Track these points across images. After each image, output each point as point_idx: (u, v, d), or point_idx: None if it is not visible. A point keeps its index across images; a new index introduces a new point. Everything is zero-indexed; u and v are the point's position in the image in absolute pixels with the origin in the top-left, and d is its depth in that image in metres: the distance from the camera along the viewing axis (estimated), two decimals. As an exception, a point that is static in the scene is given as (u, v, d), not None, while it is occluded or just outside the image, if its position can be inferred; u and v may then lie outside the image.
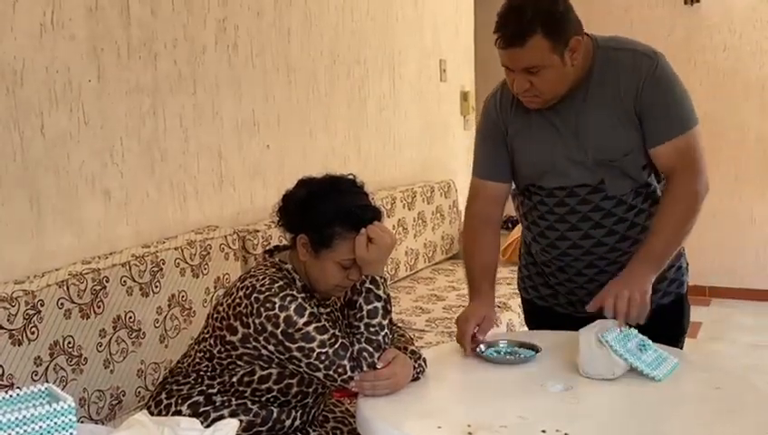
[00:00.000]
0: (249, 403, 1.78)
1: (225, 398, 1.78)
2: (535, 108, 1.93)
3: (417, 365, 1.76)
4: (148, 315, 2.30)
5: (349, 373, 1.67)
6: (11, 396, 1.45)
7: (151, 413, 1.73)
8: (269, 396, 1.79)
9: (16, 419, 1.33)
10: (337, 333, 1.71)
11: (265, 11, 3.05)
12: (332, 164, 3.53)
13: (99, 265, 2.20)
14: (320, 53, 3.41)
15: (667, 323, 2.01)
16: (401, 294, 3.58)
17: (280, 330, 1.67)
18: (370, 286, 1.74)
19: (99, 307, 2.14)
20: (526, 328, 3.29)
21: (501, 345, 1.92)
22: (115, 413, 2.19)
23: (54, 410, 1.37)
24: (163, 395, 1.83)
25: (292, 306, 1.68)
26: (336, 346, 1.68)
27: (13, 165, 2.10)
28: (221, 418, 1.74)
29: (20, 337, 1.92)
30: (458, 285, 3.73)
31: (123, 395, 2.21)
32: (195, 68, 2.70)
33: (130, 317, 2.24)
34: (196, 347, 1.85)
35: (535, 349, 1.87)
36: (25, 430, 1.33)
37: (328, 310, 1.87)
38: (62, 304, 2.04)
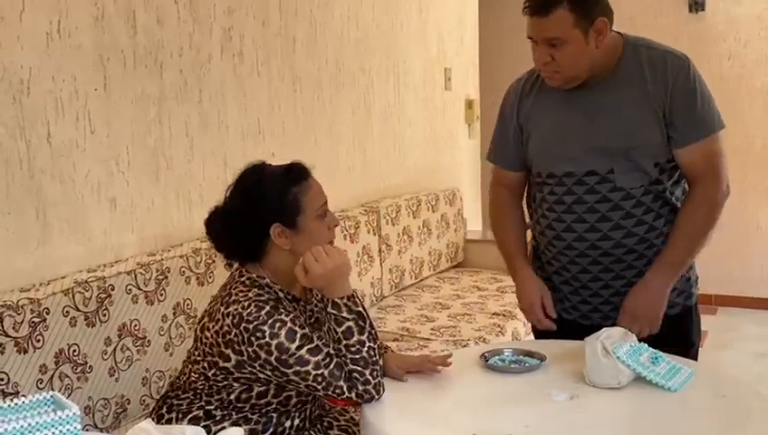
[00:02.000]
0: (249, 414, 1.78)
1: (225, 412, 1.78)
2: (555, 85, 1.96)
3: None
4: (154, 323, 2.30)
5: (346, 393, 1.67)
6: (16, 404, 1.45)
7: (153, 426, 1.73)
8: (268, 408, 1.79)
9: (21, 426, 1.33)
10: (331, 351, 1.69)
11: (271, 20, 3.06)
12: (337, 172, 3.54)
13: (104, 273, 2.21)
14: (325, 61, 3.42)
15: (673, 335, 2.01)
16: (406, 303, 3.58)
17: (273, 357, 1.66)
18: (332, 311, 1.71)
19: (104, 315, 2.14)
20: (532, 337, 3.30)
21: (506, 354, 1.92)
22: (120, 422, 2.19)
23: (59, 418, 1.37)
24: (164, 410, 1.83)
25: (283, 332, 1.66)
26: (331, 367, 1.67)
27: (19, 173, 2.11)
28: (223, 430, 1.74)
29: (25, 345, 1.93)
30: (463, 294, 3.73)
31: (128, 403, 2.21)
32: (200, 77, 2.71)
33: (135, 325, 2.24)
34: (190, 367, 1.83)
35: (540, 357, 1.86)
36: (30, 438, 1.33)
37: (310, 306, 1.87)
38: (67, 311, 2.04)
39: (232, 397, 1.76)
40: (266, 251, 1.77)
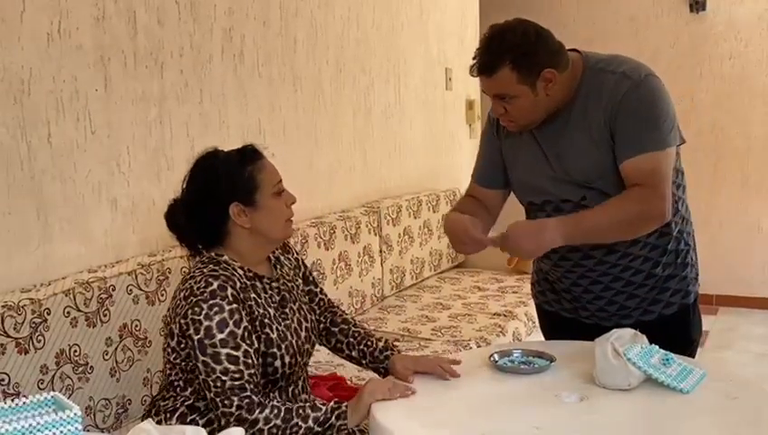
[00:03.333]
0: None
1: (206, 402, 1.77)
2: (514, 130, 1.98)
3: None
4: (154, 324, 2.29)
5: (233, 411, 1.64)
6: (17, 405, 1.44)
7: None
8: None
9: (23, 427, 1.32)
10: (245, 371, 1.67)
11: (271, 20, 3.05)
12: (338, 172, 3.53)
13: (105, 273, 2.20)
14: (325, 62, 3.41)
15: (671, 335, 1.99)
16: (407, 303, 3.56)
17: (197, 337, 1.67)
18: (333, 412, 1.68)
19: (105, 316, 2.13)
20: (531, 337, 3.29)
21: (515, 355, 1.90)
22: (121, 422, 2.17)
23: (60, 418, 1.36)
24: (153, 412, 1.83)
25: (216, 319, 1.66)
26: (236, 382, 1.66)
27: (20, 174, 2.09)
28: (209, 423, 1.73)
29: (26, 346, 1.91)
30: (464, 294, 3.72)
31: (129, 404, 2.20)
32: (201, 77, 2.70)
33: (136, 325, 2.23)
34: (166, 362, 1.84)
35: (550, 359, 1.85)
36: (32, 440, 1.32)
37: (281, 282, 1.87)
38: (68, 312, 2.03)
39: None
40: (228, 233, 1.79)
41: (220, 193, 1.77)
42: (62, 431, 1.35)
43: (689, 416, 1.59)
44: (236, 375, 1.66)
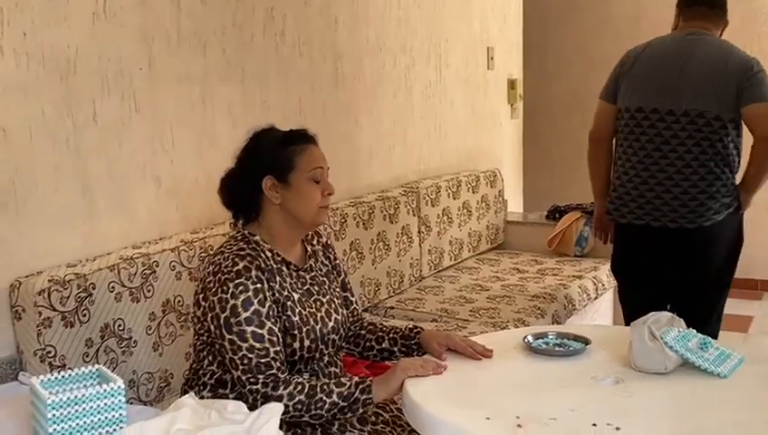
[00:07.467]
0: None
1: (232, 375, 1.79)
2: None
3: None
4: (196, 300, 2.33)
5: (260, 389, 1.67)
6: (63, 376, 1.49)
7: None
8: None
9: (68, 398, 1.36)
10: (271, 348, 1.70)
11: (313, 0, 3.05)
12: (378, 152, 3.53)
13: (149, 249, 2.24)
14: (366, 41, 3.40)
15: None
16: (445, 284, 3.57)
17: (224, 315, 1.71)
18: (357, 386, 1.70)
19: (149, 291, 2.18)
20: (571, 320, 3.27)
21: (550, 337, 1.90)
22: (163, 395, 2.22)
23: (104, 390, 1.40)
24: (186, 388, 1.86)
25: (241, 297, 1.70)
26: (261, 359, 1.69)
27: (66, 152, 2.14)
28: (239, 397, 1.75)
29: (72, 319, 1.97)
30: (503, 276, 3.70)
31: (171, 377, 2.25)
32: (243, 56, 2.72)
33: (179, 301, 2.27)
34: (192, 328, 1.88)
35: (585, 341, 1.84)
36: (76, 410, 1.37)
37: (312, 274, 1.89)
38: (112, 287, 2.07)
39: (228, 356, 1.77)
40: (261, 208, 1.84)
41: (257, 166, 1.82)
42: (105, 403, 1.40)
43: (726, 398, 1.57)
44: (262, 353, 1.70)
